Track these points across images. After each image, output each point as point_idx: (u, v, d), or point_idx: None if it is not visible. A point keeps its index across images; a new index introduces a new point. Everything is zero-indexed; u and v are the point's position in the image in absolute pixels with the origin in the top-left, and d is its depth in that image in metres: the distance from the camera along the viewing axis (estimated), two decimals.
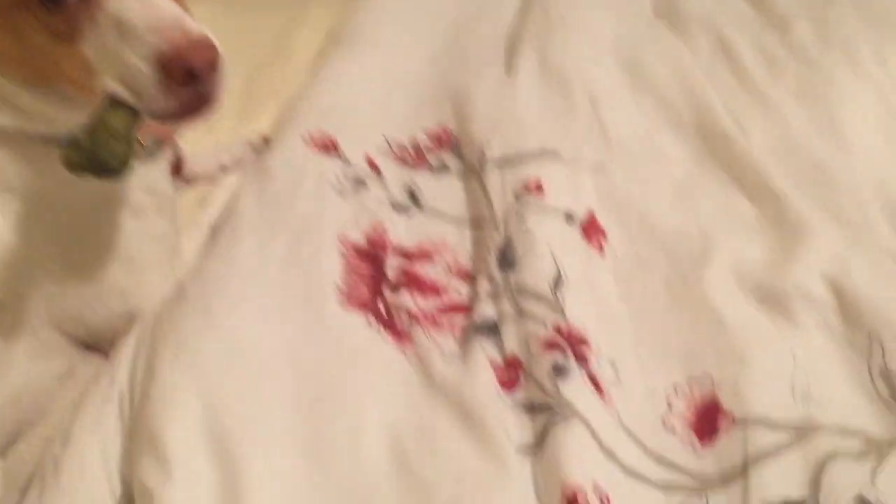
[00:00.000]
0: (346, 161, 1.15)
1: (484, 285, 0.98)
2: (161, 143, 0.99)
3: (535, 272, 0.96)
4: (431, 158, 1.20)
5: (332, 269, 1.00)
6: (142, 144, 0.93)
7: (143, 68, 0.72)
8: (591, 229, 1.04)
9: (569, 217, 1.03)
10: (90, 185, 0.89)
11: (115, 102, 0.75)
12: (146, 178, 0.99)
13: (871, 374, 0.87)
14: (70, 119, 0.88)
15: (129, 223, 0.98)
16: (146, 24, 0.72)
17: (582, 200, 1.07)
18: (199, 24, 0.75)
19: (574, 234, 1.02)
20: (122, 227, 0.98)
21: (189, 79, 0.72)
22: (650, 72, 1.29)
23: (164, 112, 0.75)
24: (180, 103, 0.75)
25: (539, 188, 1.06)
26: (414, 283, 1.00)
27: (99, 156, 0.73)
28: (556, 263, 0.96)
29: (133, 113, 0.75)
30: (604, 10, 1.44)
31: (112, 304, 0.98)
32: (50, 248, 0.90)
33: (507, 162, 1.11)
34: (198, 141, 1.24)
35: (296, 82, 1.42)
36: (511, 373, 0.89)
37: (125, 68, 0.73)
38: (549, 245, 0.98)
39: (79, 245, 0.94)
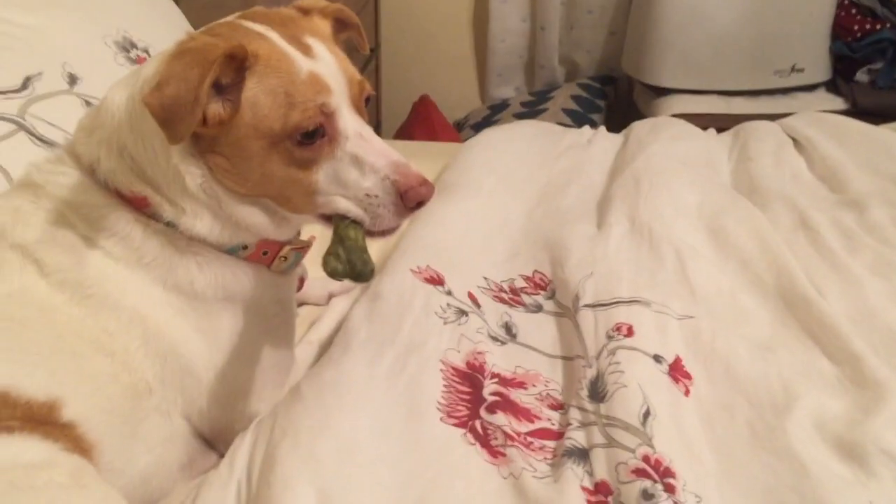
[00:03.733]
0: (449, 293, 1.26)
1: (575, 415, 1.06)
2: (300, 259, 1.12)
3: (626, 405, 1.03)
4: (527, 299, 1.31)
5: (434, 387, 1.09)
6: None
7: (384, 196, 0.93)
8: (678, 372, 1.11)
9: (657, 358, 1.11)
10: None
11: (347, 221, 0.95)
12: (279, 292, 1.11)
13: None
14: (272, 232, 1.02)
15: (261, 333, 1.09)
16: (385, 162, 0.93)
17: (670, 346, 1.15)
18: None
19: (662, 375, 1.09)
20: (255, 335, 1.08)
21: (418, 206, 0.94)
22: (733, 236, 1.40)
23: (387, 229, 0.96)
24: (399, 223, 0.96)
25: (630, 331, 1.15)
26: (509, 407, 1.08)
27: (354, 264, 0.93)
28: (644, 399, 1.03)
29: (363, 229, 0.95)
30: (688, 180, 1.58)
31: (236, 404, 1.07)
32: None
33: (600, 306, 1.21)
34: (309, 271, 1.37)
35: None
36: (600, 498, 0.94)
37: (362, 194, 0.93)
38: (639, 382, 1.05)
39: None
